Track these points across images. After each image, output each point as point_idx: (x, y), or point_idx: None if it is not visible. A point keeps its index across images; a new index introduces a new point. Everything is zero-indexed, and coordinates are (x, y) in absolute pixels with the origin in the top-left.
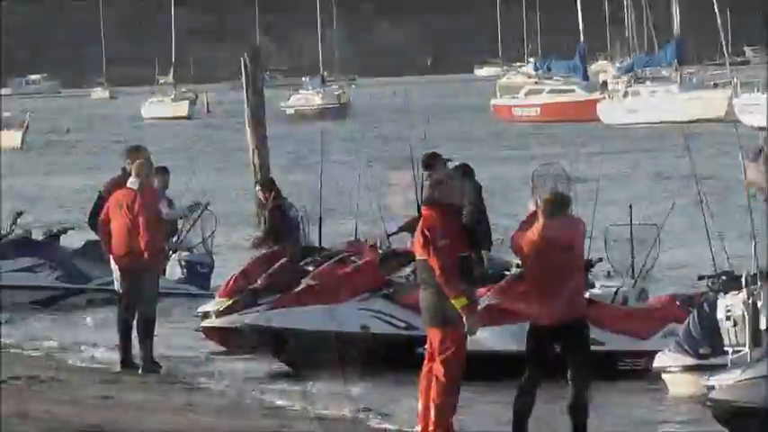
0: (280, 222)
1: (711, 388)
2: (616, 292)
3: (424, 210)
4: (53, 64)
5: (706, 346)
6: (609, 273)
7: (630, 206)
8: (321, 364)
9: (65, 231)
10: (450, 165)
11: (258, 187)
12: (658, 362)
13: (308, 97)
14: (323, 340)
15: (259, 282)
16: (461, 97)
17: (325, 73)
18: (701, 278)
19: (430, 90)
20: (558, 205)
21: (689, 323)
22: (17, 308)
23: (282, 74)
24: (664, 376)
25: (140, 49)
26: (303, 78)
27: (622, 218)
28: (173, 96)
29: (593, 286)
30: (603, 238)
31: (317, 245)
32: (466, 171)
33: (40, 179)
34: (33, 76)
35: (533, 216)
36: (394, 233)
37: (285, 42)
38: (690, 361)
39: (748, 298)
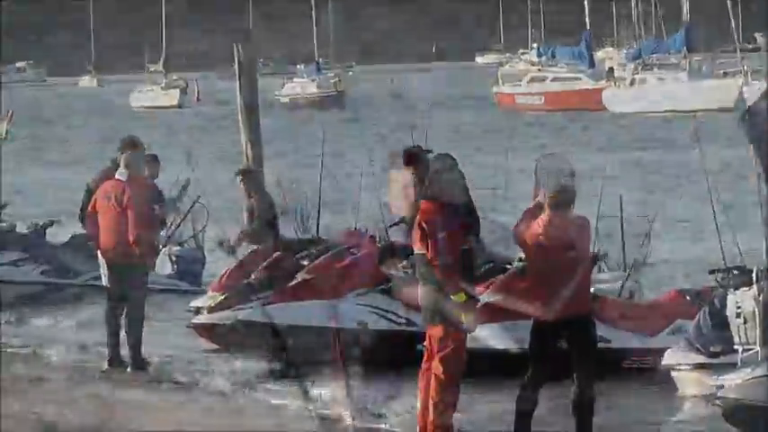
0: (271, 217)
1: (720, 386)
2: (622, 287)
3: (423, 204)
4: (40, 51)
5: (717, 344)
6: (600, 267)
7: (621, 197)
8: (318, 360)
9: (51, 224)
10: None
11: (239, 177)
12: (668, 359)
13: (303, 85)
14: (320, 336)
15: (253, 276)
16: (461, 86)
17: (321, 60)
18: (711, 272)
19: (430, 77)
20: (563, 201)
21: (699, 320)
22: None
23: (276, 61)
24: (673, 374)
25: (129, 38)
26: (298, 66)
27: (626, 210)
28: (163, 84)
29: None
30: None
31: (314, 236)
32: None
33: (25, 170)
34: (19, 64)
35: (537, 207)
36: (394, 224)
37: (282, 31)
38: (700, 359)
39: (759, 294)
